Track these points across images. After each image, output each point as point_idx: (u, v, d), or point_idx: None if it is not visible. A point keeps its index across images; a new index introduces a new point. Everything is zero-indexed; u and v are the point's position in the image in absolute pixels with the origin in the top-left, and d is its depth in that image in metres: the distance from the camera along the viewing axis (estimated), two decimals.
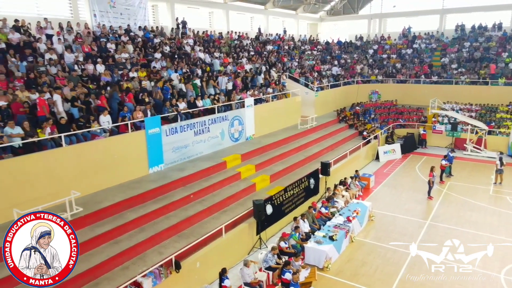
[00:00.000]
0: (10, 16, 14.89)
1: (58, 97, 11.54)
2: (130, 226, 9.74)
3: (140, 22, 20.09)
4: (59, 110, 11.38)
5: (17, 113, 10.52)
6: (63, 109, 11.52)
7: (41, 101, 10.85)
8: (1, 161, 8.91)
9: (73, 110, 11.75)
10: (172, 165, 13.43)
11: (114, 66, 15.38)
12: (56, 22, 16.28)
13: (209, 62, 20.05)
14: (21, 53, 13.33)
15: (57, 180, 9.77)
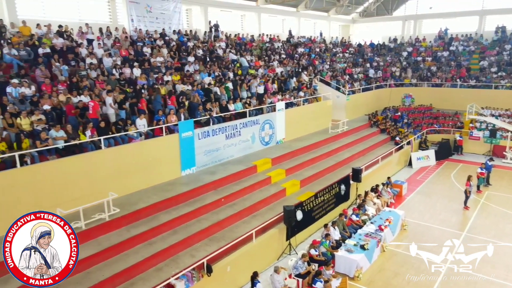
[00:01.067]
0: (54, 21, 15.63)
1: (110, 99, 12.10)
2: (164, 228, 10.00)
3: (175, 26, 20.55)
4: (108, 112, 12.02)
5: (69, 115, 11.18)
6: (113, 111, 12.19)
7: (95, 104, 11.55)
8: (47, 162, 9.41)
9: (121, 112, 12.36)
10: (203, 168, 13.67)
11: (149, 69, 15.81)
12: (96, 27, 16.93)
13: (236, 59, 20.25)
14: (64, 58, 13.97)
15: (96, 181, 10.19)
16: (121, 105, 12.57)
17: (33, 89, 11.63)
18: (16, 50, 13.04)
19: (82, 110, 11.62)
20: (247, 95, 17.17)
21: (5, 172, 8.66)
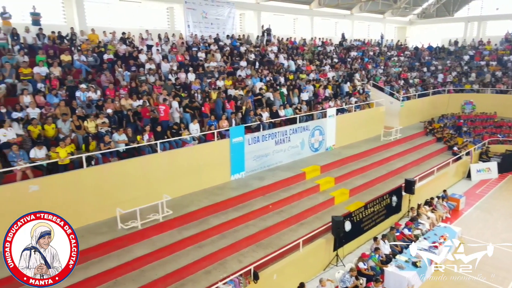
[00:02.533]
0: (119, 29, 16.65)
1: (176, 104, 12.73)
2: (213, 232, 10.29)
3: (229, 31, 21.01)
4: (175, 115, 12.71)
5: (144, 117, 12.06)
6: (179, 115, 12.92)
7: (166, 107, 12.32)
8: (109, 164, 10.09)
9: (185, 115, 13.00)
10: (252, 173, 13.86)
11: (203, 74, 16.31)
12: (156, 33, 17.78)
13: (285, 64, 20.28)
14: (126, 63, 14.83)
15: (152, 183, 10.73)
16: (185, 109, 13.25)
17: (98, 94, 12.47)
18: (85, 57, 14.07)
19: (140, 114, 12.27)
20: (299, 100, 17.15)
21: (73, 172, 9.41)
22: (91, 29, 15.89)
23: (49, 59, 13.23)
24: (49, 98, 11.45)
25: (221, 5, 20.60)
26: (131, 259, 8.62)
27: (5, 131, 9.16)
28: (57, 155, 9.15)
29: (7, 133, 9.19)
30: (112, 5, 17.95)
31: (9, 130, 9.24)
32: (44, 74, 12.41)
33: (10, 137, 9.22)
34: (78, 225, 9.35)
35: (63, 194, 9.09)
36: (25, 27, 14.18)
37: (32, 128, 9.95)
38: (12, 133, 9.33)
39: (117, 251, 8.85)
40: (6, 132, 9.17)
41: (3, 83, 11.34)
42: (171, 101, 13.03)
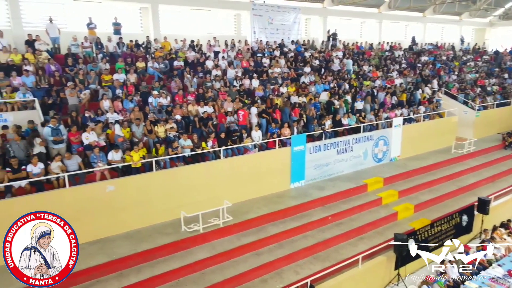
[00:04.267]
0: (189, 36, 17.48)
1: (254, 109, 13.22)
2: (271, 240, 10.40)
3: (294, 36, 21.05)
4: (253, 120, 13.28)
5: (220, 122, 12.71)
6: (257, 120, 13.49)
7: (245, 112, 13.00)
8: (175, 168, 10.67)
9: (262, 121, 13.50)
10: (312, 182, 13.76)
11: (267, 81, 16.51)
12: (223, 39, 18.37)
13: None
14: (195, 70, 15.53)
15: (214, 188, 11.13)
16: (262, 114, 13.83)
17: (168, 100, 13.22)
18: (157, 63, 14.98)
19: (206, 120, 12.77)
20: (372, 108, 16.68)
21: (144, 174, 10.10)
22: (164, 37, 16.86)
23: (127, 66, 14.30)
24: (125, 104, 12.37)
25: (287, 11, 20.70)
26: (192, 261, 9.03)
27: (87, 134, 10.10)
28: (131, 159, 9.89)
29: (90, 136, 10.11)
30: (183, 13, 18.89)
31: (91, 133, 10.16)
32: (122, 80, 13.44)
33: (92, 139, 10.13)
34: (146, 224, 10.09)
35: (135, 194, 9.79)
36: (107, 36, 15.48)
37: (110, 132, 10.85)
38: (94, 136, 10.25)
39: (180, 252, 9.33)
40: (89, 135, 10.09)
41: (88, 89, 12.49)
42: (249, 106, 13.68)
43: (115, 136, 10.89)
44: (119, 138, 10.73)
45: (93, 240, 9.27)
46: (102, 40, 15.23)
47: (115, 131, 10.96)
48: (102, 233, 9.42)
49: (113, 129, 11.04)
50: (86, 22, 15.29)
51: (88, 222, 9.11)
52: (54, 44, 14.63)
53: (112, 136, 10.92)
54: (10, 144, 9.17)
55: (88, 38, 14.96)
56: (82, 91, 12.15)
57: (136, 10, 17.67)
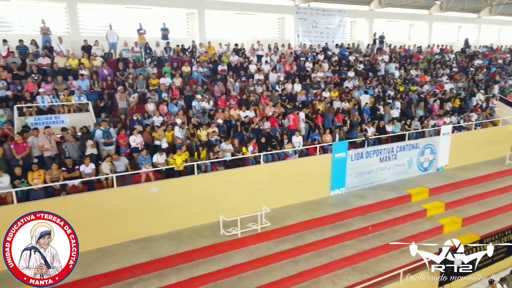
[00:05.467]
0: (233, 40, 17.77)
1: (303, 114, 13.35)
2: (308, 248, 10.32)
3: (338, 40, 20.73)
4: (300, 125, 13.44)
5: (273, 127, 13.12)
6: (304, 125, 13.59)
7: (295, 116, 13.19)
8: (216, 172, 10.91)
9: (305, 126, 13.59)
10: (353, 189, 13.49)
11: (309, 85, 16.40)
12: (266, 43, 18.49)
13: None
14: (237, 74, 15.75)
15: (253, 193, 11.24)
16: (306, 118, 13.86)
17: (211, 103, 13.53)
18: (202, 68, 15.37)
19: (247, 125, 12.92)
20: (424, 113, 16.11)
21: (186, 177, 10.42)
22: (208, 41, 17.27)
23: (173, 70, 14.80)
24: (170, 107, 12.82)
25: (333, 14, 20.44)
26: (230, 265, 9.18)
27: (134, 137, 10.58)
28: (174, 162, 10.24)
29: (136, 139, 10.60)
30: (228, 17, 19.23)
31: (138, 136, 10.64)
32: (168, 84, 13.94)
33: (138, 142, 10.61)
34: (186, 226, 10.40)
35: (177, 196, 10.13)
36: (156, 41, 16.12)
37: (155, 135, 11.30)
38: (140, 138, 10.72)
39: (218, 255, 9.52)
40: (136, 138, 10.58)
41: (136, 92, 13.09)
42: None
43: (175, 138, 11.38)
44: (178, 139, 11.20)
45: (137, 239, 9.71)
46: (150, 45, 15.89)
47: (175, 133, 11.45)
48: (145, 233, 9.83)
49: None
50: (136, 28, 16.02)
51: (133, 221, 9.57)
52: (111, 49, 15.49)
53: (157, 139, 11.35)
54: (66, 145, 9.84)
55: (138, 43, 15.67)
56: (131, 95, 12.76)
57: (183, 16, 18.25)
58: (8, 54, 13.41)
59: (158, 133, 11.23)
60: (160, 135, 11.19)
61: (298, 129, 13.30)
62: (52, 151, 9.87)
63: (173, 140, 11.51)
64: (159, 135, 11.19)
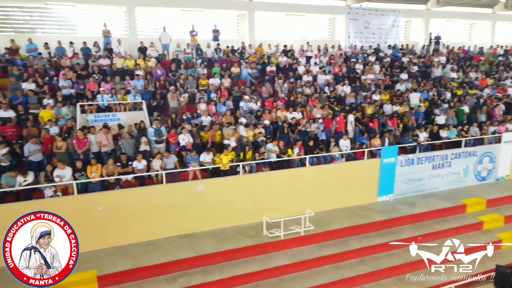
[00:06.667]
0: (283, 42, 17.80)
1: (352, 117, 13.20)
2: (353, 255, 10.09)
3: (391, 41, 20.04)
4: (349, 129, 13.24)
5: (328, 128, 13.18)
6: (352, 128, 13.39)
7: (340, 119, 13.07)
8: (261, 173, 11.00)
9: (356, 129, 13.39)
10: (401, 196, 12.96)
11: (359, 88, 16.00)
12: (316, 44, 18.31)
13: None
14: (286, 75, 15.75)
15: (297, 195, 11.15)
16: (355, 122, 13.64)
17: (258, 104, 13.65)
18: (250, 69, 15.55)
19: (294, 126, 12.88)
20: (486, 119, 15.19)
21: (231, 177, 10.62)
22: (258, 42, 17.42)
23: (222, 71, 15.12)
24: (219, 107, 13.11)
25: (386, 13, 19.77)
26: (272, 266, 9.21)
27: (183, 136, 10.96)
28: (220, 161, 10.47)
29: (185, 138, 10.97)
30: (278, 18, 19.27)
31: (187, 135, 11.01)
32: (217, 84, 14.27)
33: (187, 141, 10.97)
34: (230, 225, 10.57)
35: (222, 195, 10.33)
36: (207, 42, 16.57)
37: (203, 134, 11.62)
38: (188, 137, 11.08)
39: (260, 256, 9.58)
40: (185, 137, 10.95)
41: (187, 92, 13.54)
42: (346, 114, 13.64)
43: (240, 137, 11.69)
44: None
45: (183, 234, 10.04)
46: (202, 46, 16.35)
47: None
48: (191, 229, 10.14)
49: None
50: (189, 30, 16.57)
51: (179, 217, 9.92)
52: (164, 50, 16.18)
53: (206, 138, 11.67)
54: (122, 142, 10.43)
55: (190, 45, 16.19)
56: (182, 95, 13.22)
57: (234, 17, 18.58)
58: (73, 55, 14.46)
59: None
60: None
61: (345, 132, 13.04)
62: (109, 147, 10.51)
63: (220, 139, 11.77)
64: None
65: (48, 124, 10.65)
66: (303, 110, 13.81)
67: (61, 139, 9.98)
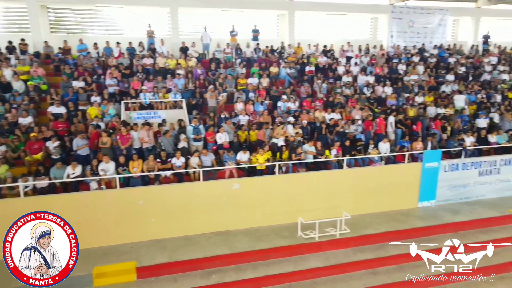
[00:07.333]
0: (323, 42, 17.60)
1: (392, 118, 12.96)
2: (390, 261, 9.75)
3: (437, 40, 19.22)
4: (388, 130, 12.93)
5: (367, 130, 12.80)
6: (392, 130, 13.06)
7: (380, 120, 12.78)
8: (297, 173, 10.93)
9: (397, 131, 13.04)
10: (444, 203, 12.41)
11: (401, 89, 15.48)
12: (357, 44, 17.93)
13: None
14: (325, 75, 15.54)
15: (333, 197, 11.00)
16: (397, 124, 13.23)
17: (296, 104, 13.57)
18: (289, 68, 15.50)
19: (332, 127, 12.68)
20: None
21: (267, 177, 10.66)
22: (297, 42, 17.33)
23: (261, 70, 15.18)
24: (256, 107, 13.18)
25: (432, 12, 18.98)
26: (305, 268, 9.12)
27: (221, 134, 11.13)
28: (256, 161, 10.53)
29: (222, 136, 11.13)
30: (319, 18, 19.06)
31: (224, 134, 11.17)
32: (255, 84, 14.36)
33: (224, 140, 11.13)
34: (265, 224, 10.61)
35: (257, 195, 10.39)
36: (246, 42, 16.72)
37: (240, 133, 11.74)
38: (226, 136, 11.24)
39: (294, 256, 9.51)
40: (222, 136, 11.12)
41: (225, 91, 13.73)
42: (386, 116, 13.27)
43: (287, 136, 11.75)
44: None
45: (218, 231, 10.20)
46: (241, 46, 16.51)
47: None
48: (226, 226, 10.27)
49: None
50: (229, 29, 16.78)
51: (215, 214, 10.09)
52: (205, 50, 16.52)
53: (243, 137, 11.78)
54: (162, 139, 10.78)
55: (230, 45, 16.40)
56: (220, 94, 13.43)
57: (274, 17, 18.59)
58: (119, 55, 15.11)
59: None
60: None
61: (385, 134, 12.67)
62: (150, 143, 10.89)
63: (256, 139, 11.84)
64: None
65: (95, 120, 11.21)
66: (342, 111, 13.58)
67: (106, 134, 10.47)
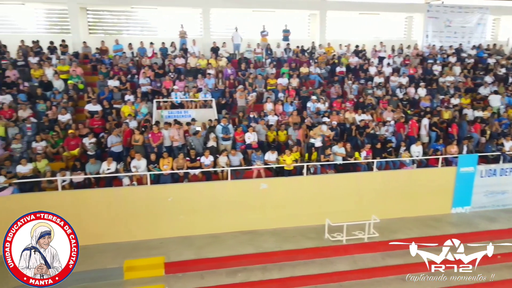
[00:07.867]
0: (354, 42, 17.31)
1: (427, 121, 12.64)
2: (421, 268, 9.42)
3: (476, 40, 18.42)
4: (422, 132, 12.60)
5: (398, 132, 12.60)
6: (426, 133, 12.72)
7: (412, 122, 12.48)
8: (326, 175, 10.85)
9: (432, 134, 12.70)
10: (480, 210, 11.93)
11: (436, 90, 14.98)
12: (390, 44, 17.50)
13: None
14: (356, 76, 15.28)
15: (362, 200, 10.84)
16: (432, 127, 12.85)
17: (326, 105, 13.43)
18: (319, 69, 15.36)
19: (362, 129, 12.45)
20: None
21: (295, 177, 10.62)
22: (327, 42, 17.13)
23: (291, 71, 15.13)
24: (286, 107, 13.15)
25: (471, 11, 18.23)
26: (332, 271, 9.01)
27: (250, 134, 11.20)
28: (283, 162, 10.52)
29: (251, 136, 11.19)
30: (351, 18, 18.76)
31: (253, 134, 11.22)
32: (285, 84, 14.33)
33: (252, 140, 11.19)
34: (291, 225, 10.59)
35: (284, 195, 10.38)
36: (277, 42, 16.71)
37: (269, 133, 11.75)
38: (254, 136, 11.29)
39: (320, 259, 9.42)
40: (250, 135, 11.18)
41: (255, 91, 13.79)
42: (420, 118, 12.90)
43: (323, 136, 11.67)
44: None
45: (245, 231, 10.28)
46: (271, 46, 16.51)
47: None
48: (252, 226, 10.33)
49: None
50: (260, 30, 16.83)
51: (242, 213, 10.19)
52: (235, 50, 16.66)
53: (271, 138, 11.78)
54: (192, 138, 10.98)
55: (260, 45, 16.45)
56: (250, 94, 13.50)
57: (305, 17, 18.47)
58: (152, 55, 15.51)
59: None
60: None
61: (418, 137, 12.30)
62: (180, 142, 11.12)
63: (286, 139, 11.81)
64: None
65: (128, 119, 11.58)
66: (373, 112, 13.31)
67: (138, 132, 10.79)
